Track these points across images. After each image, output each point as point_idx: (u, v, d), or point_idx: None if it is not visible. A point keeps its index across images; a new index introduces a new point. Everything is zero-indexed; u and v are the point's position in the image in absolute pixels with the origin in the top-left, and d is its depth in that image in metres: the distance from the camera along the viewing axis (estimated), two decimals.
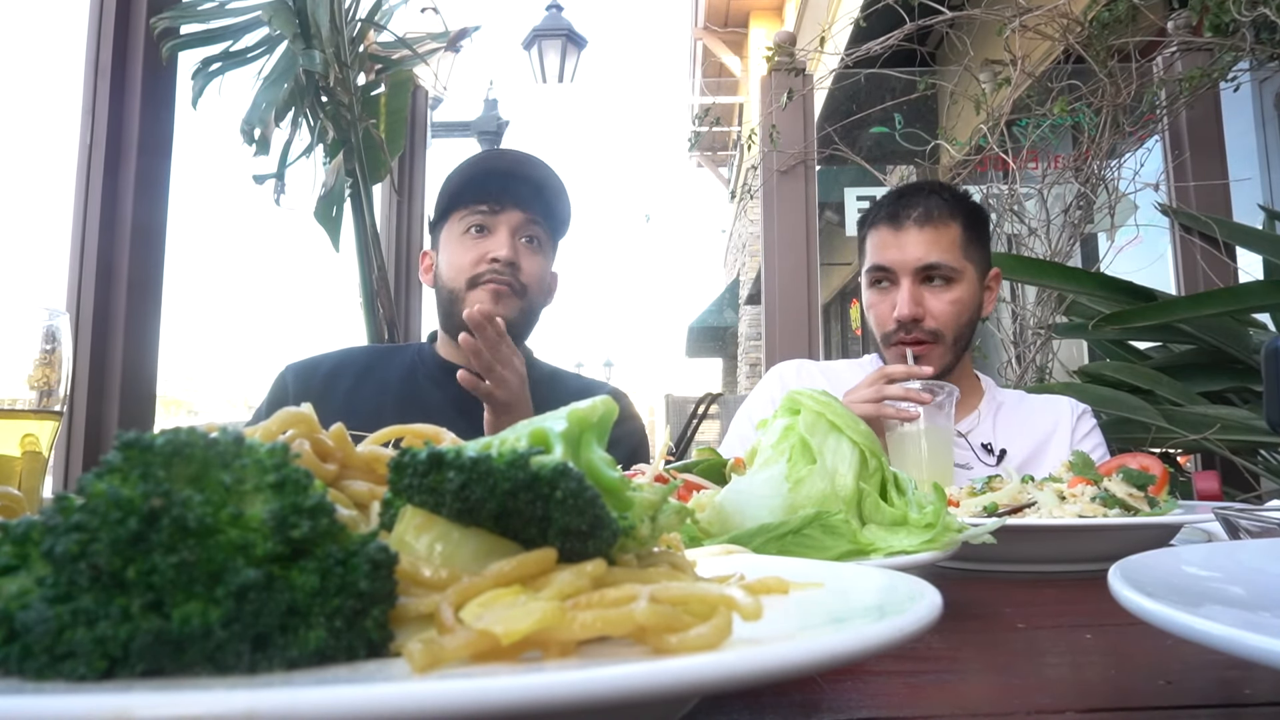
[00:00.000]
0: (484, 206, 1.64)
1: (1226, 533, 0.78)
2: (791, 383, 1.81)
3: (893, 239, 1.67)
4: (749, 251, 10.98)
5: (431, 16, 5.70)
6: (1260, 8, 2.84)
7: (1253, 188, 3.80)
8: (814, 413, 0.74)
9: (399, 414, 1.60)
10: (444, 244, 1.67)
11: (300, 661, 0.29)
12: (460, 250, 1.63)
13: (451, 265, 1.64)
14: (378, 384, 1.69)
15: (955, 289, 1.65)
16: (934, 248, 1.64)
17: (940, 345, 1.65)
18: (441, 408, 1.62)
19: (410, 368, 1.73)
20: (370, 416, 1.59)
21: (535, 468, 0.34)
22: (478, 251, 1.62)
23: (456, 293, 1.62)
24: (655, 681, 0.24)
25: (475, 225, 1.63)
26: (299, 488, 0.31)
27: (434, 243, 1.73)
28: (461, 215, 1.65)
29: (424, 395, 1.67)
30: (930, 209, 1.66)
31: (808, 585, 0.41)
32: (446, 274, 1.65)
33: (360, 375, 1.71)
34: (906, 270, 1.64)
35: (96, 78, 2.31)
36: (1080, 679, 0.49)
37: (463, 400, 1.59)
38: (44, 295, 2.57)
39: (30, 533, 0.29)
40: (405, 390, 1.68)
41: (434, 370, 1.71)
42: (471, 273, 1.61)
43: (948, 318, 1.64)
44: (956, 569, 0.95)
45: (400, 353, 1.80)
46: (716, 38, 12.03)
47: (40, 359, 0.77)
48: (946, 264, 1.64)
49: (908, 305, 1.63)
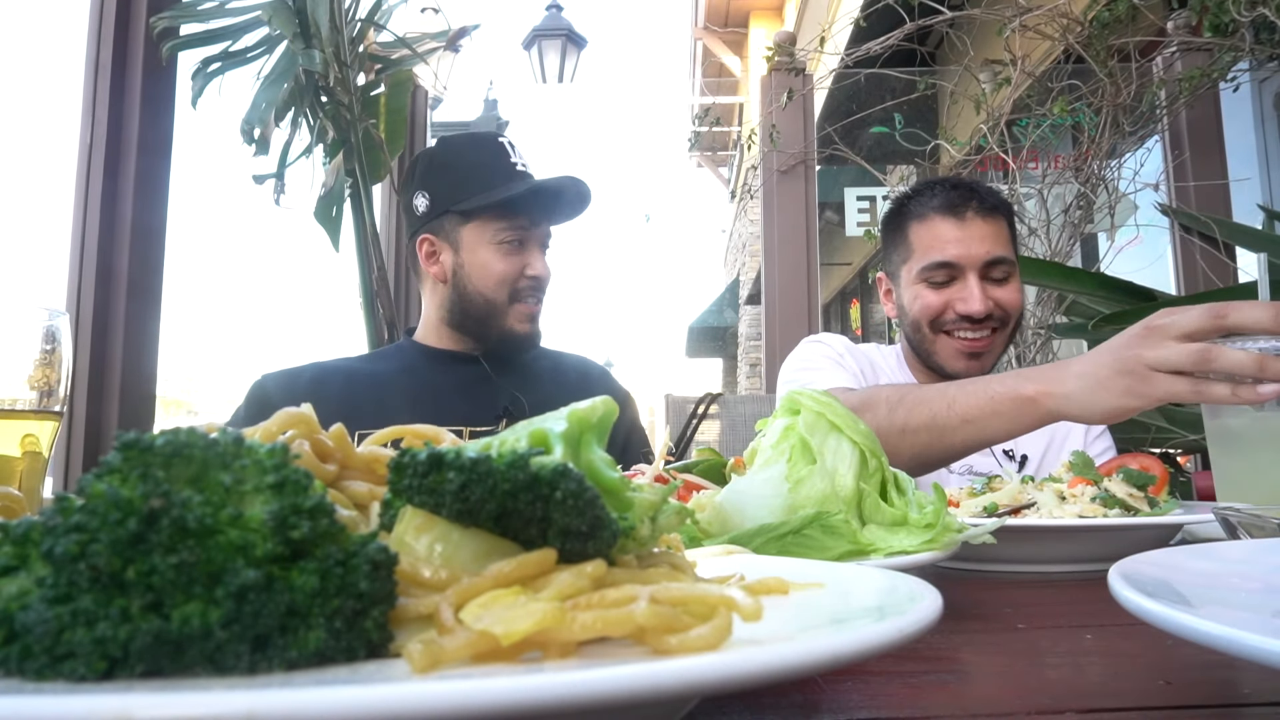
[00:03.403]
0: (525, 221, 1.67)
1: (1226, 533, 0.78)
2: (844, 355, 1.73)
3: (955, 232, 1.61)
4: (749, 251, 10.98)
5: (431, 16, 5.70)
6: (1260, 8, 2.84)
7: (1252, 188, 3.80)
8: (814, 413, 0.74)
9: (407, 402, 1.61)
10: (471, 246, 1.68)
11: (300, 662, 0.29)
12: (498, 260, 1.66)
13: (490, 275, 1.67)
14: (371, 380, 1.70)
15: (1014, 281, 1.64)
16: (997, 241, 1.62)
17: (1003, 334, 1.64)
18: (446, 391, 1.67)
19: (405, 361, 1.75)
20: (374, 412, 1.60)
21: (535, 468, 0.34)
22: (517, 266, 1.67)
23: (497, 305, 1.67)
24: (655, 682, 0.24)
25: (513, 241, 1.67)
26: (299, 488, 0.31)
27: (439, 231, 1.71)
28: (499, 226, 1.66)
29: (428, 381, 1.70)
30: (987, 203, 1.63)
31: (808, 585, 0.41)
32: (481, 282, 1.67)
33: (350, 377, 1.72)
34: (974, 265, 1.60)
35: (96, 78, 2.31)
36: (1080, 679, 0.49)
37: (466, 384, 1.68)
38: (44, 295, 2.57)
39: (30, 533, 0.29)
40: (406, 381, 1.70)
41: (431, 359, 1.74)
42: (513, 288, 1.67)
43: (1014, 305, 1.63)
44: (956, 569, 0.95)
45: (384, 353, 1.84)
46: (716, 38, 12.03)
47: (40, 359, 0.77)
48: (1008, 258, 1.63)
49: (979, 301, 1.58)
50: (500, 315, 1.68)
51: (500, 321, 1.69)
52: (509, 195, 1.65)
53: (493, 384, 1.70)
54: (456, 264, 1.69)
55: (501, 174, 1.69)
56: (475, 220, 1.67)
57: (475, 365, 1.72)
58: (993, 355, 1.65)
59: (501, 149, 1.72)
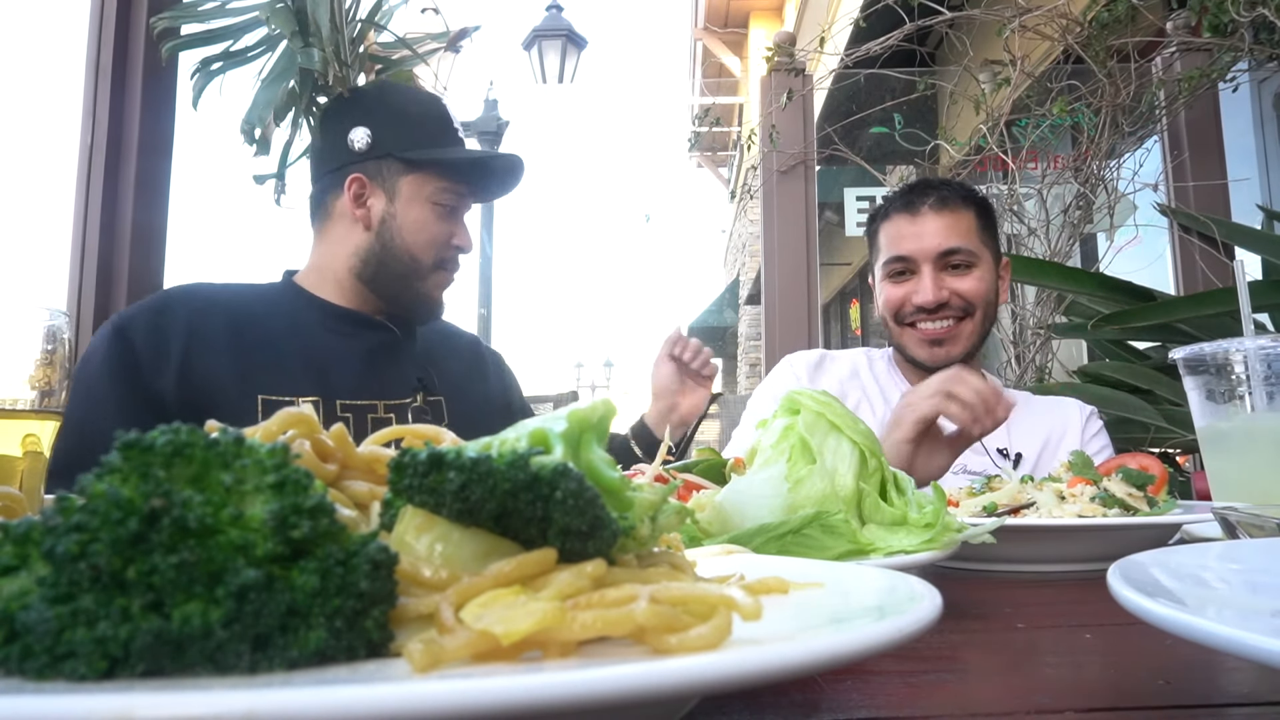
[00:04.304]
0: (465, 189, 1.58)
1: (1225, 532, 0.78)
2: (804, 378, 1.81)
3: (910, 227, 1.67)
4: (749, 251, 10.99)
5: (432, 17, 5.70)
6: (1259, 8, 2.84)
7: (1251, 188, 3.80)
8: (814, 413, 0.74)
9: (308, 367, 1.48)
10: (408, 199, 1.54)
11: (300, 662, 0.29)
12: (433, 220, 1.56)
13: (422, 233, 1.55)
14: (264, 334, 1.50)
15: (976, 271, 1.66)
16: (953, 233, 1.65)
17: (970, 320, 1.67)
18: (354, 358, 1.54)
19: (295, 315, 1.56)
20: (273, 372, 1.45)
21: (535, 468, 0.34)
22: (446, 232, 1.57)
23: (421, 267, 1.56)
24: (655, 681, 0.24)
25: (449, 205, 1.57)
26: (299, 488, 0.31)
27: (375, 175, 1.55)
28: (441, 186, 1.55)
29: (332, 345, 1.54)
30: (944, 196, 1.68)
31: (808, 585, 0.41)
32: (412, 238, 1.54)
33: (239, 321, 1.50)
34: (927, 257, 1.65)
35: (97, 79, 2.31)
36: (1080, 679, 0.49)
37: (374, 352, 1.56)
38: (44, 295, 2.57)
39: (31, 533, 0.29)
40: (306, 343, 1.52)
41: (330, 316, 1.57)
42: (440, 254, 1.57)
43: (974, 294, 1.66)
44: (956, 569, 0.95)
45: (267, 296, 1.60)
46: (716, 38, 12.03)
47: (41, 359, 0.77)
48: (966, 248, 1.65)
49: (931, 291, 1.64)
50: (421, 278, 1.56)
51: (419, 284, 1.57)
52: (467, 157, 1.58)
53: (402, 353, 1.59)
54: (388, 213, 1.55)
55: (449, 135, 1.61)
56: (418, 173, 1.55)
57: (383, 332, 1.58)
58: (960, 343, 1.67)
59: (447, 112, 1.63)
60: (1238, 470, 1.05)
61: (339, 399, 1.48)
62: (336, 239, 1.59)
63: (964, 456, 1.65)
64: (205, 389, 1.41)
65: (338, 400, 1.48)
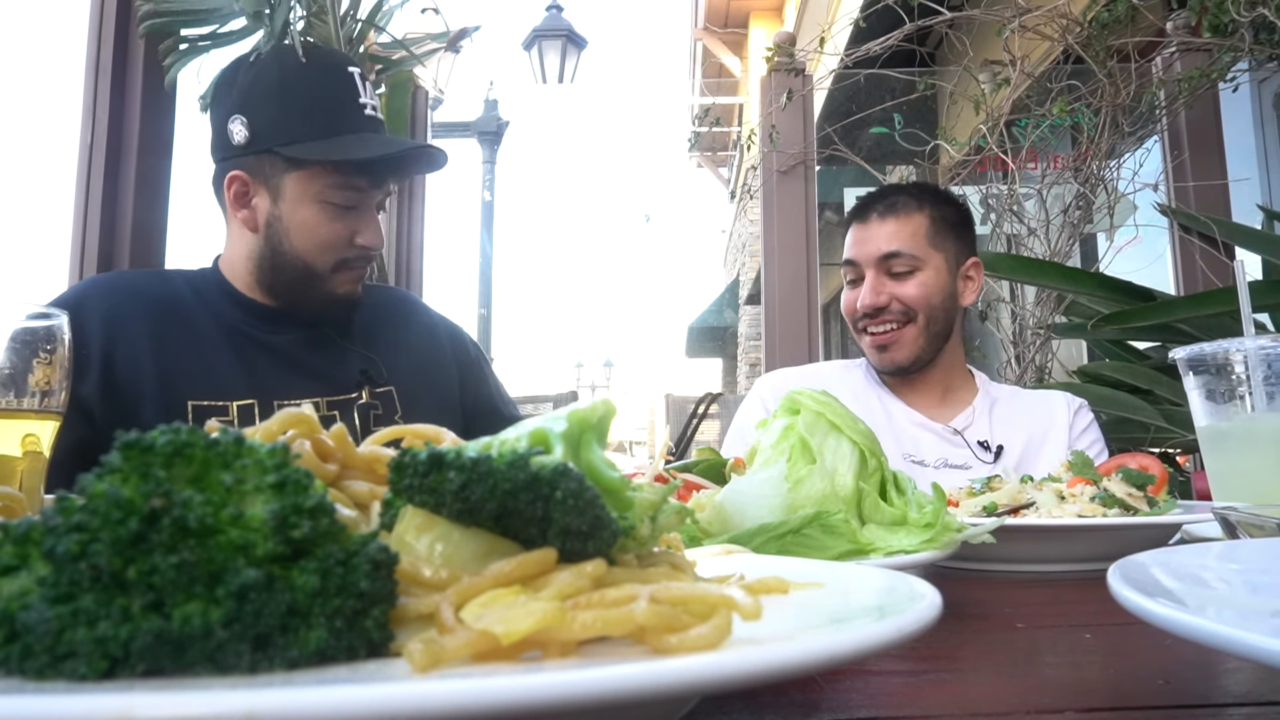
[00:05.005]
0: (364, 183, 1.40)
1: (1225, 532, 0.78)
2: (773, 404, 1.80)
3: (859, 233, 1.74)
4: (749, 252, 10.98)
5: (431, 17, 5.70)
6: (1259, 8, 2.84)
7: (1251, 188, 3.80)
8: (814, 413, 0.74)
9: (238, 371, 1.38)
10: (294, 200, 1.38)
11: (300, 662, 0.29)
12: (325, 222, 1.39)
13: (313, 238, 1.39)
14: (189, 333, 1.41)
15: (919, 275, 1.68)
16: (894, 238, 1.69)
17: (913, 326, 1.69)
18: (285, 359, 1.45)
19: (220, 310, 1.45)
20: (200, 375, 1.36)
21: (535, 468, 0.34)
22: (346, 232, 1.40)
23: (316, 272, 1.41)
24: (655, 681, 0.24)
25: (345, 204, 1.39)
26: (299, 488, 0.31)
27: (256, 172, 1.39)
28: (332, 183, 1.37)
29: (258, 344, 1.44)
30: (893, 202, 1.73)
31: (808, 585, 0.41)
32: (301, 244, 1.39)
33: (162, 315, 1.40)
34: (869, 261, 1.70)
35: (97, 78, 2.31)
36: (1080, 679, 0.49)
37: (304, 349, 1.46)
38: (45, 295, 2.58)
39: (31, 533, 0.30)
40: (233, 341, 1.43)
41: (251, 314, 1.46)
42: (340, 255, 1.41)
43: (916, 299, 1.68)
44: (956, 569, 0.95)
45: (194, 285, 1.48)
46: (716, 38, 12.03)
47: (41, 359, 0.77)
48: (907, 252, 1.68)
49: (869, 294, 1.69)
50: (320, 281, 1.41)
51: (320, 287, 1.42)
52: (359, 157, 1.36)
53: (337, 347, 1.48)
54: (272, 215, 1.39)
55: (347, 118, 1.39)
56: (304, 170, 1.36)
57: (309, 328, 1.47)
58: (904, 348, 1.69)
59: (351, 83, 1.40)
60: (1238, 470, 1.05)
61: (276, 399, 1.38)
62: (234, 236, 1.47)
63: (945, 449, 1.67)
64: (129, 394, 1.33)
65: (274, 401, 1.37)
